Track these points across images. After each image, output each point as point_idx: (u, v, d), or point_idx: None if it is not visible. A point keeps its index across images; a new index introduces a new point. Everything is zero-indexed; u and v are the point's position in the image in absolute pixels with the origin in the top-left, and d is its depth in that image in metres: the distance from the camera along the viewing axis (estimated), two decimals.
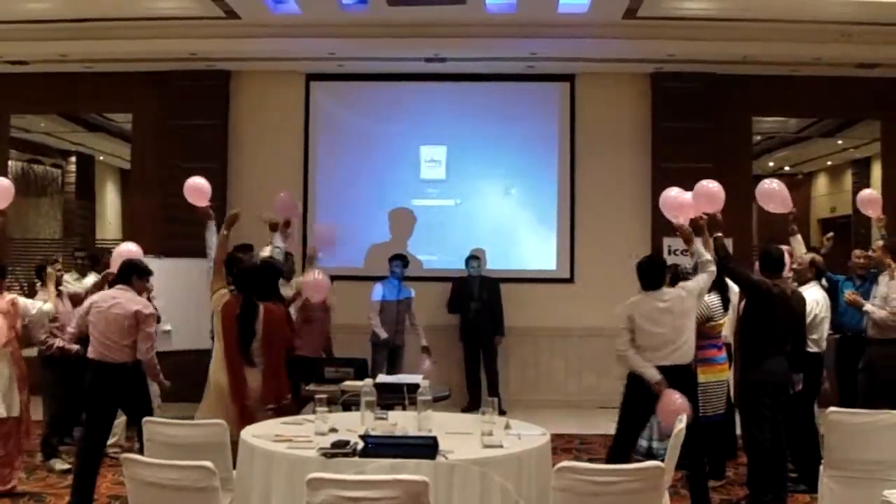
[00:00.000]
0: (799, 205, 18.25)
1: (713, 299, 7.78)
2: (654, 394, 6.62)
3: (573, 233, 12.66)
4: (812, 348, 8.00)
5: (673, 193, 7.78)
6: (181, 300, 8.87)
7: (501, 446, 5.07)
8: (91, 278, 9.29)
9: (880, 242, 8.66)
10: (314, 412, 5.56)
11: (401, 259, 11.36)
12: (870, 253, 8.85)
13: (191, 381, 8.23)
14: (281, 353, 6.95)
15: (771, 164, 17.58)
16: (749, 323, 7.35)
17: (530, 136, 12.87)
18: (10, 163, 13.85)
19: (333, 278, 10.11)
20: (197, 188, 8.01)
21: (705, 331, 7.63)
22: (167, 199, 12.65)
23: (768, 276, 7.38)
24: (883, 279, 8.32)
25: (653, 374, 6.65)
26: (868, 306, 8.22)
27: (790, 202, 8.16)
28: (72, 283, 9.49)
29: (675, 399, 6.47)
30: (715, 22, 11.10)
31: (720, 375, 7.85)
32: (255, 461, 5.01)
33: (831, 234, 9.70)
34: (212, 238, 7.84)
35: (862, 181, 16.22)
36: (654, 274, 7.02)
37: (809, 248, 8.96)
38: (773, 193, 8.13)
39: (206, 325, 7.75)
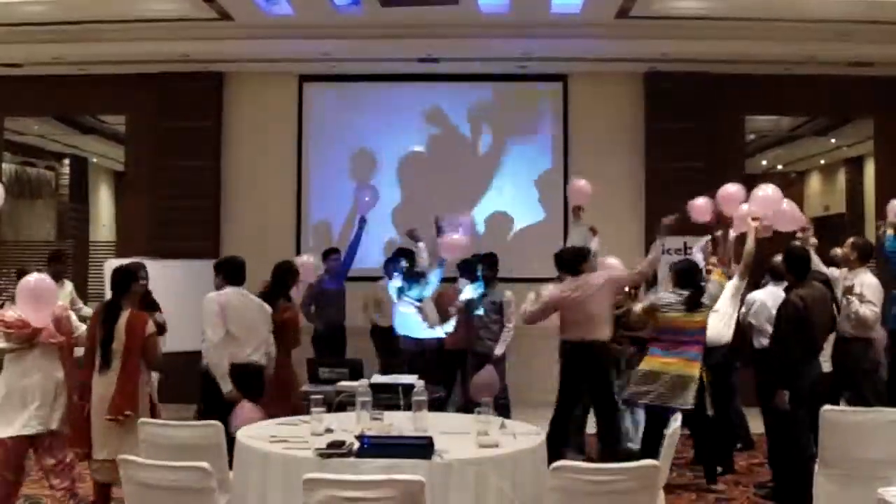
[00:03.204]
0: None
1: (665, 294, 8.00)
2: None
3: (566, 232, 12.67)
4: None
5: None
6: (174, 302, 8.85)
7: (497, 446, 5.08)
8: None
9: (851, 240, 8.72)
10: (309, 413, 5.58)
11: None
12: (839, 251, 8.85)
13: (184, 382, 8.22)
14: (138, 363, 6.73)
15: (764, 162, 17.62)
16: (785, 331, 7.19)
17: (523, 136, 12.88)
18: (3, 165, 13.84)
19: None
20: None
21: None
22: (161, 202, 12.68)
23: (795, 280, 7.29)
24: (855, 278, 8.31)
25: None
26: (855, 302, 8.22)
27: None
28: None
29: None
30: (707, 21, 11.12)
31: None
32: (251, 462, 5.02)
33: (881, 222, 9.66)
34: None
35: (855, 180, 16.27)
36: None
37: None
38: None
39: (199, 326, 7.78)
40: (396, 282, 9.97)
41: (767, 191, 8.46)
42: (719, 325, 8.29)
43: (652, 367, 7.79)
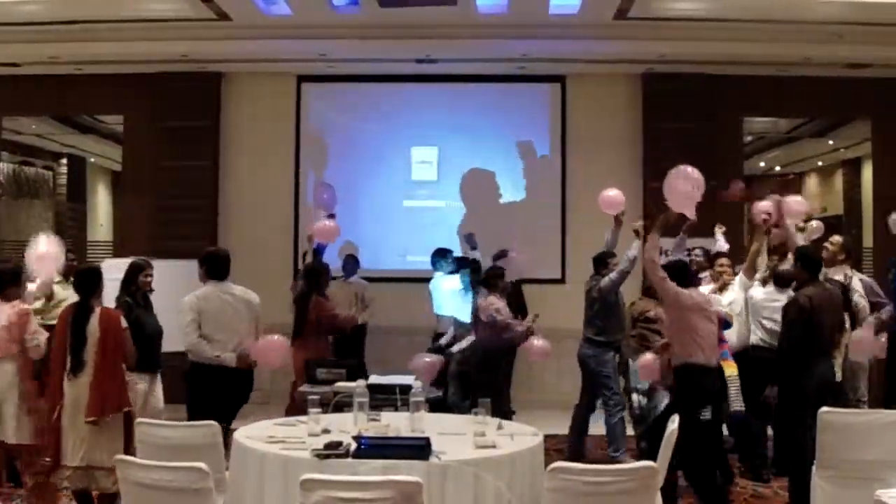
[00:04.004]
0: None
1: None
2: None
3: (564, 233, 12.68)
4: None
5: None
6: (173, 302, 8.84)
7: (494, 447, 5.09)
8: None
9: (839, 238, 8.74)
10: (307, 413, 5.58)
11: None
12: (826, 245, 8.87)
13: (185, 382, 8.16)
14: (115, 361, 6.61)
15: (762, 164, 17.65)
16: (790, 330, 7.10)
17: (521, 137, 12.88)
18: (1, 165, 13.83)
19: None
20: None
21: None
22: (158, 201, 12.67)
23: (808, 278, 7.19)
24: (835, 276, 8.31)
25: None
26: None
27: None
28: None
29: None
30: (705, 22, 11.12)
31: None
32: (248, 462, 5.02)
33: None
34: None
35: (853, 181, 16.29)
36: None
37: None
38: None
39: None
40: (451, 281, 10.15)
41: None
42: (743, 328, 8.27)
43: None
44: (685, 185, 7.20)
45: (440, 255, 10.89)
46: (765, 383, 7.94)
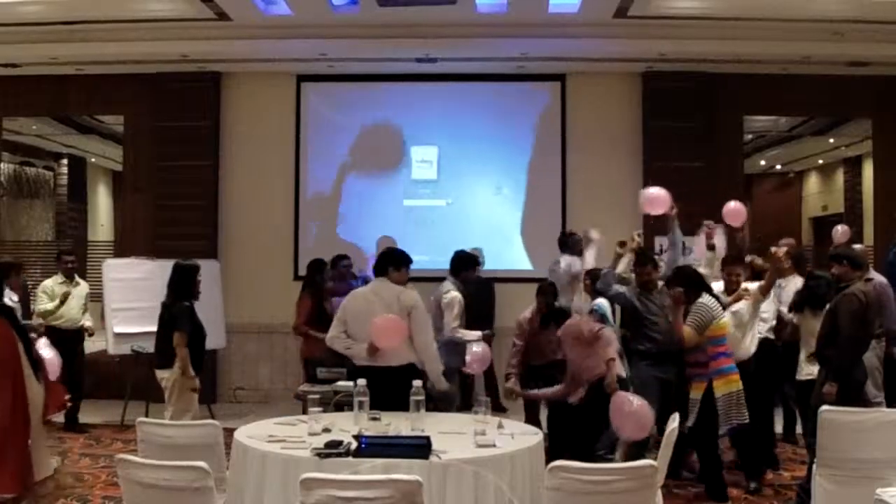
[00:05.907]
0: (790, 203, 18.44)
1: (706, 299, 7.52)
2: None
3: (564, 232, 12.65)
4: None
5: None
6: None
7: (494, 446, 5.09)
8: None
9: (785, 249, 8.68)
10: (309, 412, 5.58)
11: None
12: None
13: None
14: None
15: (762, 162, 17.64)
16: (845, 326, 6.84)
17: (521, 135, 12.87)
18: (2, 165, 13.82)
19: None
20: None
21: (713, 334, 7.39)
22: (158, 201, 12.67)
23: (858, 277, 7.06)
24: (788, 285, 8.34)
25: None
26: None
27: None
28: None
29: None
30: (705, 21, 11.11)
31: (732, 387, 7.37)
32: (248, 461, 5.02)
33: None
34: None
35: (853, 179, 16.27)
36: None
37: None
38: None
39: None
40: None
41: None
42: (750, 343, 8.19)
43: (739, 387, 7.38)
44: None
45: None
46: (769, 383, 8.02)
